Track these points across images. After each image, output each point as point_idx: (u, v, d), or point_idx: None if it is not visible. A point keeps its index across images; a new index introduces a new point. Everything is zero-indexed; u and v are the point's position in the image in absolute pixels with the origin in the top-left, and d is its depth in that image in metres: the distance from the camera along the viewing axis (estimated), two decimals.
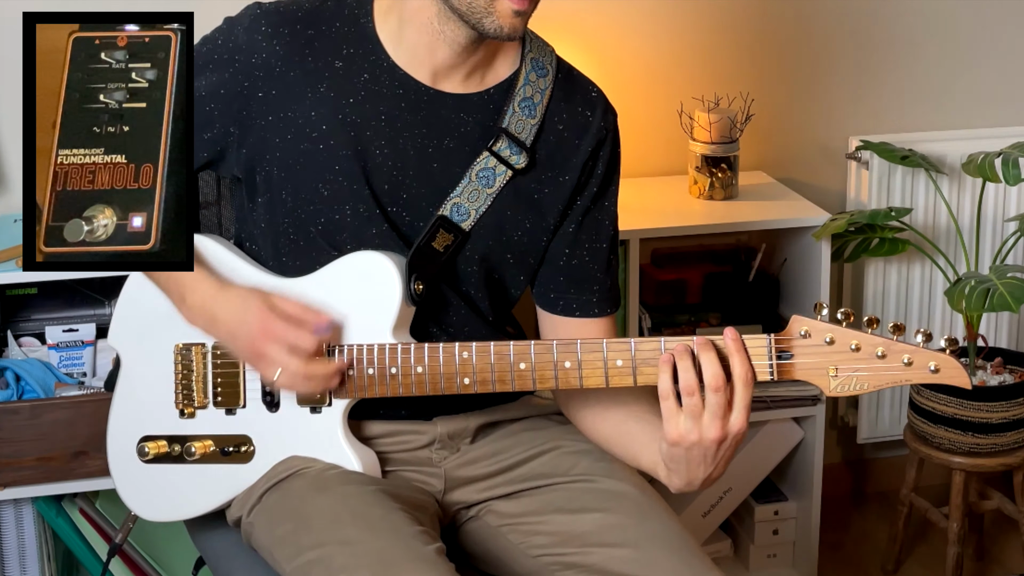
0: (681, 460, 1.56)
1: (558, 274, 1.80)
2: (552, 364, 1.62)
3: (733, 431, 1.53)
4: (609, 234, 1.80)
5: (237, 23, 1.72)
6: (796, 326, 1.54)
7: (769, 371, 1.55)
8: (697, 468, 1.56)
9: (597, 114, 1.77)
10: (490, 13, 1.61)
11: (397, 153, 1.71)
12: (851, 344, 1.52)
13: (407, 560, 1.57)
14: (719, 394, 1.52)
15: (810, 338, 1.54)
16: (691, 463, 1.56)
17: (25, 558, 2.48)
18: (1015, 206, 2.96)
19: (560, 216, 1.77)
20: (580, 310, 1.80)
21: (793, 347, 1.54)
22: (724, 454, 1.55)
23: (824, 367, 1.53)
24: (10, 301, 2.50)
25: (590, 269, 1.79)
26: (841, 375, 1.53)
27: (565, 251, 1.79)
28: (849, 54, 2.93)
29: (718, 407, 1.52)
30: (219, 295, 1.70)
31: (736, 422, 1.53)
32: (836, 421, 3.12)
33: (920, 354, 1.51)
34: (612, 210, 1.81)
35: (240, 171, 1.76)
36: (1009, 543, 3.00)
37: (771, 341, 1.55)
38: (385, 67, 1.70)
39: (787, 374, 1.55)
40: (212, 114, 1.72)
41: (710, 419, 1.52)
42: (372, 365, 1.69)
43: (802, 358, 1.54)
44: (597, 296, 1.80)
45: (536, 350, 1.63)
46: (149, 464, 1.81)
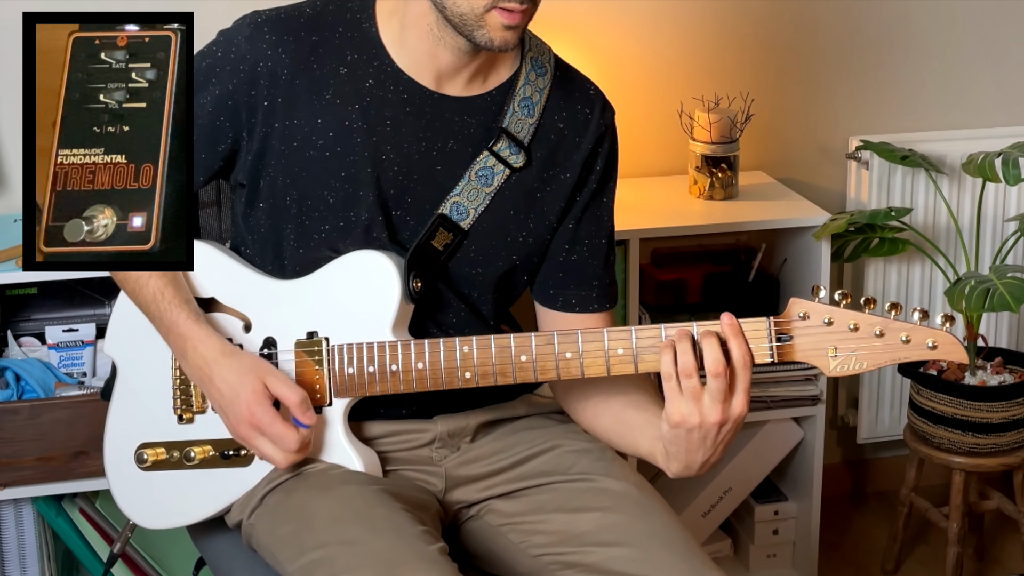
0: (681, 443, 1.57)
1: (557, 270, 1.80)
2: (553, 355, 1.63)
3: (734, 414, 1.55)
4: (608, 230, 1.81)
5: (236, 33, 1.71)
6: (795, 308, 1.56)
7: (769, 353, 1.56)
8: (696, 452, 1.58)
9: (596, 111, 1.78)
10: (481, 26, 1.61)
11: (402, 158, 1.71)
12: (849, 324, 1.54)
13: (410, 560, 1.57)
14: (720, 379, 1.53)
15: (808, 319, 1.55)
16: (690, 446, 1.57)
17: (25, 558, 2.48)
18: (1015, 206, 2.96)
19: (561, 213, 1.77)
20: (579, 305, 1.81)
21: (792, 329, 1.56)
22: (724, 438, 1.57)
23: (823, 347, 1.55)
24: (10, 301, 2.49)
25: (589, 265, 1.80)
26: (840, 355, 1.54)
27: (565, 247, 1.79)
28: (849, 54, 2.93)
29: (719, 392, 1.53)
30: (220, 362, 1.69)
31: (737, 405, 1.55)
32: (836, 421, 3.12)
33: (917, 331, 1.52)
34: (610, 206, 1.82)
35: (244, 177, 1.76)
36: (1009, 543, 3.00)
37: (770, 323, 1.56)
38: (390, 72, 1.70)
39: (787, 356, 1.56)
40: (223, 126, 1.71)
41: (711, 402, 1.54)
42: (372, 363, 1.68)
43: (801, 339, 1.56)
44: (596, 291, 1.81)
45: (537, 341, 1.63)
46: (148, 471, 1.80)
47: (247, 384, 1.66)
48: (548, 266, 1.81)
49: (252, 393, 1.66)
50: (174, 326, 1.71)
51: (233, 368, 1.68)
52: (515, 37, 1.63)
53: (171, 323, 1.72)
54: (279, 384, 1.67)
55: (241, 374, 1.67)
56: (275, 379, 1.67)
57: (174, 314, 1.71)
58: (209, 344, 1.70)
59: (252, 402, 1.66)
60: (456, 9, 1.60)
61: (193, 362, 1.71)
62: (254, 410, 1.66)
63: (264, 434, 1.66)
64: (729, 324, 1.56)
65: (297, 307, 1.74)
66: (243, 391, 1.66)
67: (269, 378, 1.67)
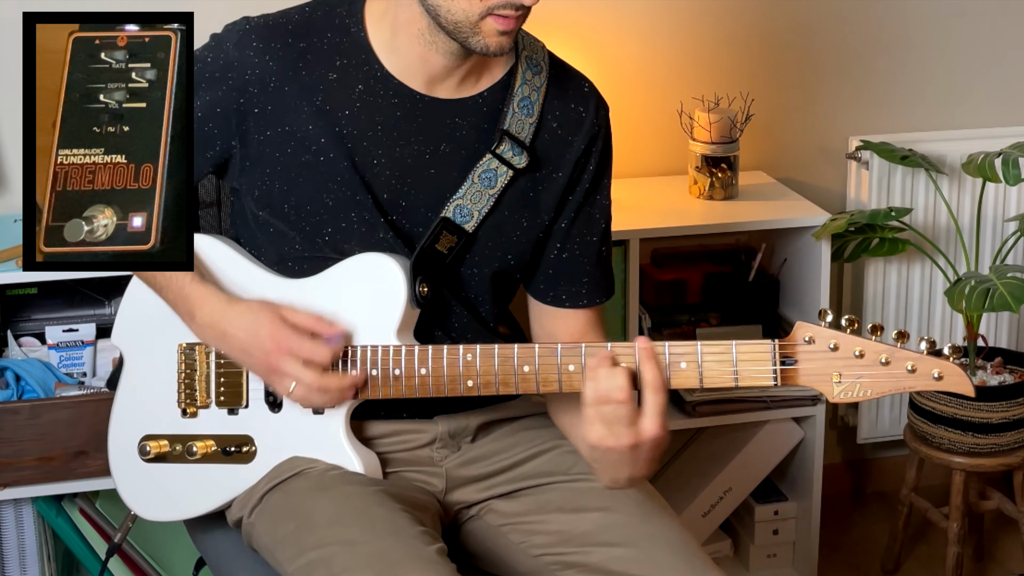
0: (601, 461, 1.60)
1: (548, 267, 1.80)
2: (556, 367, 1.62)
3: (645, 436, 1.54)
4: (600, 228, 1.81)
5: (225, 39, 1.71)
6: (800, 332, 1.54)
7: (773, 377, 1.55)
8: (620, 469, 1.59)
9: (590, 110, 1.78)
10: (476, 32, 1.61)
11: (395, 162, 1.71)
12: (855, 351, 1.52)
13: (409, 560, 1.57)
14: (623, 406, 1.53)
15: (814, 344, 1.54)
16: (611, 464, 1.59)
17: (25, 558, 2.48)
18: (1015, 206, 2.96)
19: (555, 213, 1.78)
20: (570, 300, 1.81)
21: (797, 353, 1.54)
22: (644, 456, 1.57)
23: (828, 373, 1.54)
24: (10, 301, 2.49)
25: (580, 262, 1.80)
26: (845, 381, 1.53)
27: (557, 246, 1.79)
28: (849, 54, 2.93)
29: (625, 417, 1.53)
30: (229, 310, 1.69)
31: (648, 428, 1.54)
32: (836, 421, 3.12)
33: (924, 361, 1.51)
34: (603, 203, 1.81)
35: (242, 183, 1.76)
36: (1009, 543, 3.00)
37: (775, 347, 1.55)
38: (379, 77, 1.70)
39: (791, 380, 1.55)
40: (212, 132, 1.72)
41: (621, 427, 1.54)
42: (376, 366, 1.68)
43: (806, 364, 1.54)
44: (587, 288, 1.81)
45: (540, 352, 1.63)
46: (150, 463, 1.81)
47: (263, 318, 1.67)
48: (539, 263, 1.81)
49: (270, 322, 1.66)
50: (180, 289, 1.72)
51: (244, 311, 1.69)
52: (510, 42, 1.62)
53: (178, 288, 1.73)
54: (292, 312, 1.67)
55: (254, 313, 1.68)
56: (287, 310, 1.68)
57: (179, 278, 1.72)
58: (217, 297, 1.71)
59: (274, 330, 1.66)
60: (451, 17, 1.60)
61: (203, 321, 1.71)
62: (278, 336, 1.65)
63: (296, 355, 1.65)
64: (643, 348, 1.55)
65: (303, 307, 1.74)
66: (262, 326, 1.66)
67: (282, 310, 1.68)
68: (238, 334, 1.68)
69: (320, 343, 1.65)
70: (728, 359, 1.56)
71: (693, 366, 1.57)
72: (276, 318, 1.67)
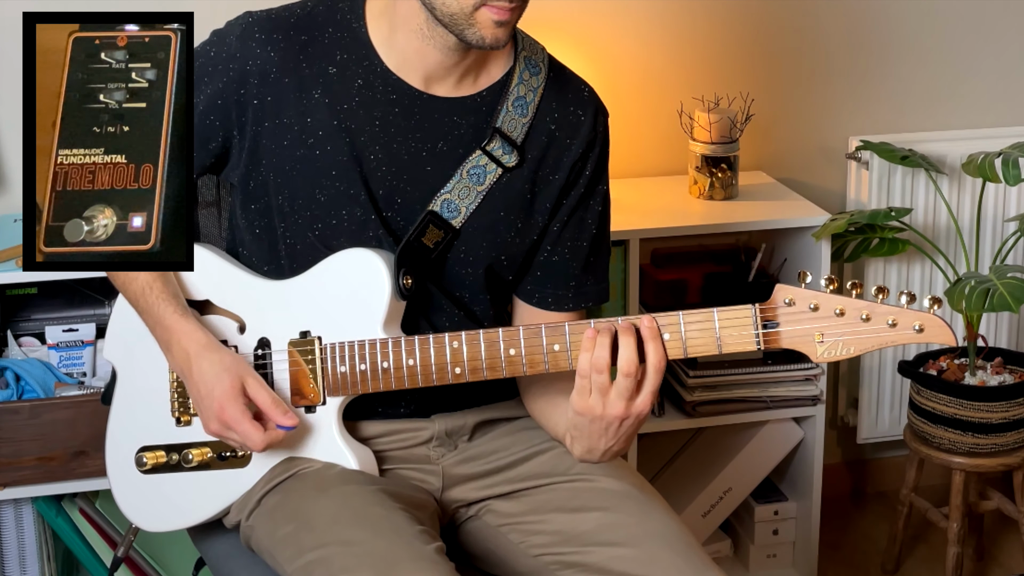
0: (584, 429, 1.62)
1: (536, 268, 1.81)
2: (542, 348, 1.63)
3: (635, 411, 1.58)
4: (591, 233, 1.80)
5: (228, 33, 1.72)
6: (780, 295, 1.55)
7: (756, 341, 1.56)
8: (598, 440, 1.62)
9: (589, 115, 1.78)
10: (471, 24, 1.61)
11: (391, 158, 1.71)
12: (835, 309, 1.53)
13: (408, 559, 1.57)
14: (629, 379, 1.56)
15: (794, 306, 1.54)
16: (592, 435, 1.61)
17: (25, 558, 2.48)
18: (1015, 206, 2.96)
19: (549, 215, 1.78)
20: (555, 304, 1.82)
21: (778, 316, 1.55)
22: (626, 431, 1.60)
23: (810, 334, 1.54)
24: (10, 301, 2.50)
25: (569, 266, 1.80)
26: (827, 341, 1.54)
27: (547, 248, 1.79)
28: (849, 54, 2.93)
29: (626, 389, 1.56)
30: (202, 356, 1.69)
31: (640, 404, 1.58)
32: (836, 421, 3.12)
33: (904, 315, 1.51)
34: (597, 210, 1.80)
35: (237, 176, 1.76)
36: (1009, 543, 3.00)
37: (756, 311, 1.56)
38: (379, 72, 1.70)
39: (773, 343, 1.55)
40: (213, 125, 1.72)
41: (616, 397, 1.57)
42: (364, 361, 1.69)
43: (787, 326, 1.55)
44: (573, 292, 1.81)
45: (525, 335, 1.63)
46: (148, 475, 1.80)
47: (225, 380, 1.67)
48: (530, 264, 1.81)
49: (226, 390, 1.66)
50: (161, 319, 1.72)
51: (213, 363, 1.68)
52: (506, 34, 1.62)
53: (158, 317, 1.73)
54: (256, 386, 1.68)
55: (220, 370, 1.68)
56: (253, 380, 1.68)
57: (161, 308, 1.72)
58: (193, 338, 1.70)
59: (224, 399, 1.66)
60: (446, 9, 1.60)
61: (176, 355, 1.71)
62: (225, 406, 1.66)
63: (232, 430, 1.67)
64: (648, 327, 1.57)
65: (290, 307, 1.74)
66: (217, 387, 1.67)
67: (248, 379, 1.68)
68: (198, 384, 1.69)
69: (257, 430, 1.66)
70: (710, 327, 1.57)
71: (677, 336, 1.58)
72: (235, 386, 1.67)
